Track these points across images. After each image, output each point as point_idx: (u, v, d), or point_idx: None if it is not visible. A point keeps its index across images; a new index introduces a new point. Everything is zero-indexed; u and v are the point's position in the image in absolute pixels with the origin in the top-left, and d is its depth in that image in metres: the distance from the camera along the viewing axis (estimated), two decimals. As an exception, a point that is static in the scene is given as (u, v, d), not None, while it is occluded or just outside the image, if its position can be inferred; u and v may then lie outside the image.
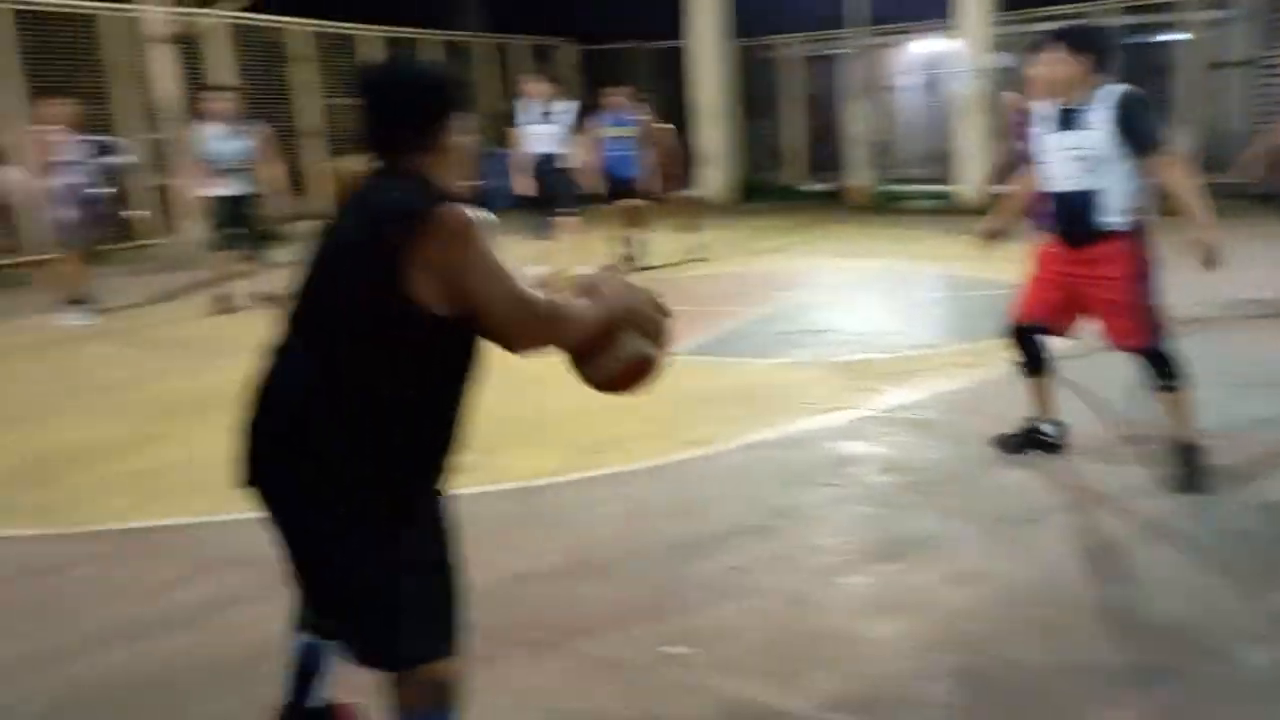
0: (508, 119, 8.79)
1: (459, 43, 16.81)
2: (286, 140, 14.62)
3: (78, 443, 5.01)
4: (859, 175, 15.27)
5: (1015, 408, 4.36)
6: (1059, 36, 3.89)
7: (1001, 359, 4.55)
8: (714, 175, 16.25)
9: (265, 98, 13.90)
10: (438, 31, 16.15)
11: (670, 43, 17.31)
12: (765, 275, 9.26)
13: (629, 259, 9.70)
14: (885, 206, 14.32)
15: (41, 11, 10.98)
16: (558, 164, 8.62)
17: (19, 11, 10.77)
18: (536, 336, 1.84)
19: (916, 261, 9.44)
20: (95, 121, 8.84)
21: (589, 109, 9.84)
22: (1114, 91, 3.80)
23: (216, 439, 2.54)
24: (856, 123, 15.56)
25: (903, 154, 16.32)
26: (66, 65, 10.95)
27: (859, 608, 3.13)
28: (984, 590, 3.18)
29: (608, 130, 9.65)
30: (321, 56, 14.04)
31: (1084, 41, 3.86)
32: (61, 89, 8.27)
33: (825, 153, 17.30)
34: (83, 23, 11.43)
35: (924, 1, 14.62)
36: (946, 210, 13.02)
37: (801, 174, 17.20)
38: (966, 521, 3.70)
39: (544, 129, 8.61)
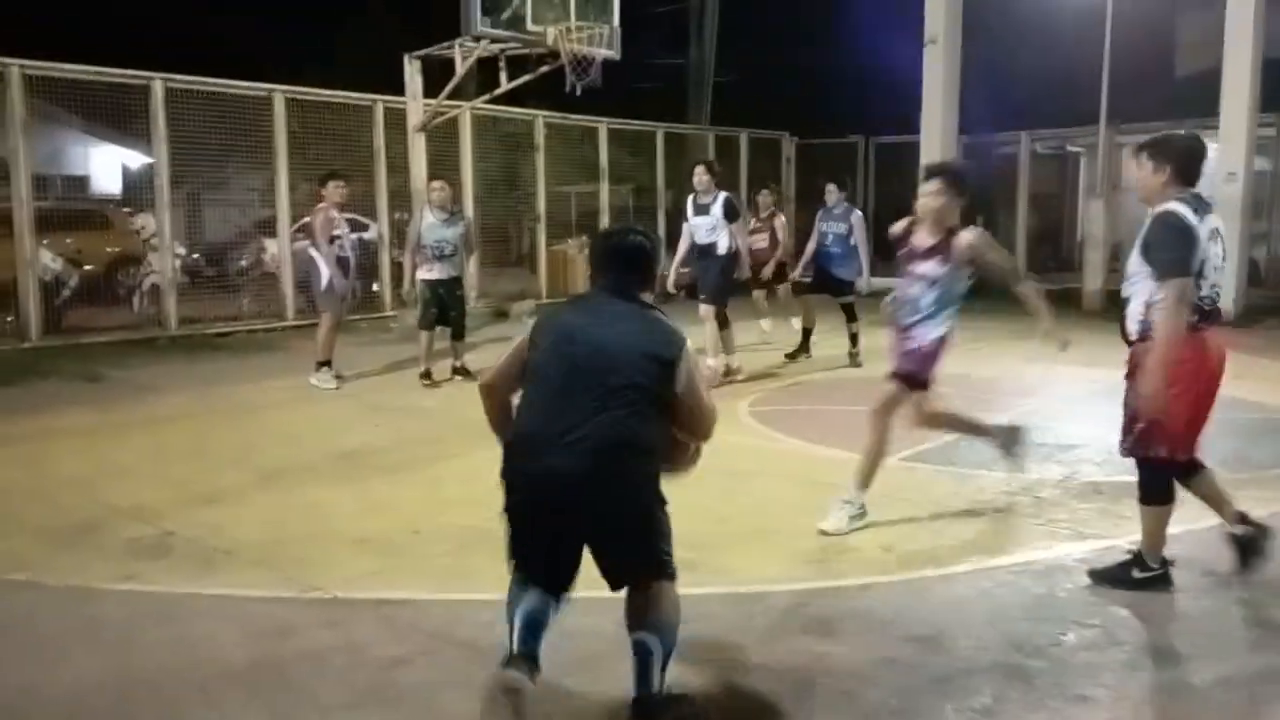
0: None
1: (684, 135, 17.30)
2: (511, 223, 15.37)
3: (312, 503, 5.22)
4: (1091, 278, 14.30)
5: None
6: (1142, 145, 3.83)
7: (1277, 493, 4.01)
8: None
9: (500, 184, 14.71)
10: (667, 124, 16.67)
11: (895, 137, 17.15)
12: (993, 380, 8.74)
13: (851, 355, 9.49)
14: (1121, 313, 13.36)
15: (305, 100, 12.10)
16: (710, 255, 8.46)
17: (291, 100, 11.90)
18: (710, 430, 3.09)
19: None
20: (352, 200, 9.53)
21: (819, 204, 9.89)
22: (1159, 209, 3.69)
23: (443, 514, 2.54)
24: (1091, 223, 14.73)
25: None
26: (329, 147, 11.97)
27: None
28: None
29: (822, 225, 9.68)
30: (550, 145, 14.70)
31: (1162, 152, 3.76)
32: (324, 170, 8.93)
33: (1049, 252, 16.45)
34: (336, 110, 12.49)
35: (1174, 100, 13.83)
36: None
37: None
38: (1248, 685, 3.23)
39: (699, 220, 8.53)
